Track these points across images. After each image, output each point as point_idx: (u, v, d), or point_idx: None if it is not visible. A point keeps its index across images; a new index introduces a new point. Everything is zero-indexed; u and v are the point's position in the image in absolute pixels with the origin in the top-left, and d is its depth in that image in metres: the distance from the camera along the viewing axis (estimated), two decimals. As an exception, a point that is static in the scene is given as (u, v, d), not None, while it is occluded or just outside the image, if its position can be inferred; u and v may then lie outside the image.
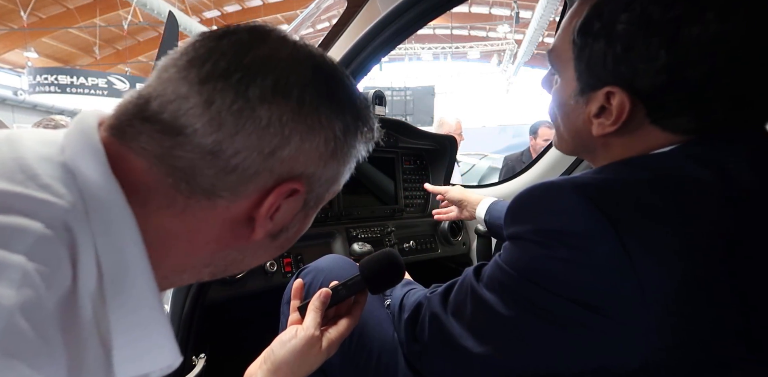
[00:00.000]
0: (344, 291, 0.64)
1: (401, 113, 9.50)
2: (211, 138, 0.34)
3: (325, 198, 0.43)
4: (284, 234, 0.42)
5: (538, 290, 0.45)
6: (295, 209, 0.40)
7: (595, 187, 0.45)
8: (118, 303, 0.33)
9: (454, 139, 1.66)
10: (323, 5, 1.24)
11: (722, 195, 0.43)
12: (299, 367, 0.58)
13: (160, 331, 0.36)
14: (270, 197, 0.37)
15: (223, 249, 0.39)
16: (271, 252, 0.44)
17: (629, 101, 0.48)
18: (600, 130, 0.51)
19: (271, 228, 0.39)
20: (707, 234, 0.41)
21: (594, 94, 0.51)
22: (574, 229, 0.43)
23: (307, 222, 0.45)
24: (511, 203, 0.51)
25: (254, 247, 0.41)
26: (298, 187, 0.37)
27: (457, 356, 0.54)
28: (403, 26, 0.76)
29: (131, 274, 0.34)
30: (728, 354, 0.41)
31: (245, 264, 0.43)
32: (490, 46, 14.54)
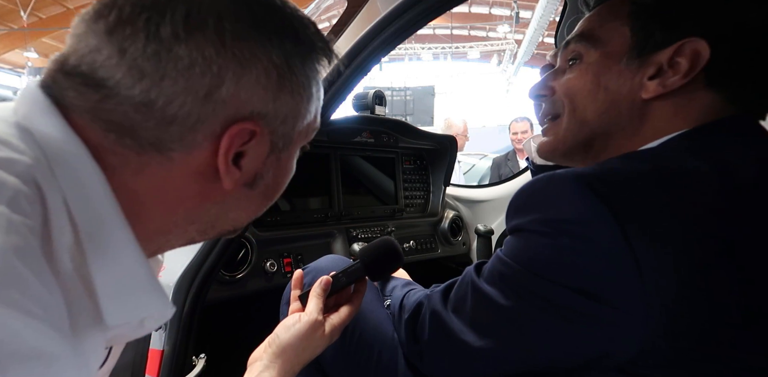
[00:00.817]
0: (344, 279, 0.65)
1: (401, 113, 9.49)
2: (137, 88, 0.32)
3: (295, 137, 0.41)
4: (261, 181, 0.40)
5: (539, 280, 0.46)
6: (262, 153, 0.38)
7: (596, 177, 0.45)
8: (99, 256, 0.33)
9: (454, 138, 1.66)
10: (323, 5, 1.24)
11: (722, 186, 0.44)
12: (303, 350, 0.59)
13: (144, 280, 0.36)
14: (223, 142, 0.35)
15: (201, 205, 0.38)
16: (257, 202, 0.43)
17: (709, 50, 0.48)
18: (659, 88, 0.51)
19: (242, 177, 0.38)
20: (707, 223, 0.42)
21: (655, 55, 0.51)
22: (574, 217, 0.44)
23: (285, 167, 0.43)
24: (513, 197, 0.51)
25: (234, 199, 0.40)
26: (252, 127, 0.36)
27: (457, 352, 0.54)
28: (403, 26, 0.76)
29: (107, 226, 0.33)
30: (725, 342, 0.41)
31: (233, 218, 0.42)
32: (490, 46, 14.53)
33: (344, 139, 1.39)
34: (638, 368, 0.43)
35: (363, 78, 0.85)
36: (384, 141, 1.49)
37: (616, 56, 0.54)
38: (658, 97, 0.51)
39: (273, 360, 0.57)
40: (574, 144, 0.59)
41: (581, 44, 0.57)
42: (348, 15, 0.82)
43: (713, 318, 0.41)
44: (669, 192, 0.43)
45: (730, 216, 0.43)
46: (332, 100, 0.84)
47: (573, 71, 0.58)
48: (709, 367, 0.42)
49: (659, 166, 0.46)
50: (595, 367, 0.46)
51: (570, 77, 0.58)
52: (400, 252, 0.68)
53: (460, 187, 1.84)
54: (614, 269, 0.42)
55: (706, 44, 0.48)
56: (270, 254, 1.14)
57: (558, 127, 0.60)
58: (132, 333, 0.40)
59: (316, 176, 1.34)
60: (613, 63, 0.54)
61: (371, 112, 1.43)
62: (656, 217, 0.42)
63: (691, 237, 0.41)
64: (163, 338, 0.87)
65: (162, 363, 0.86)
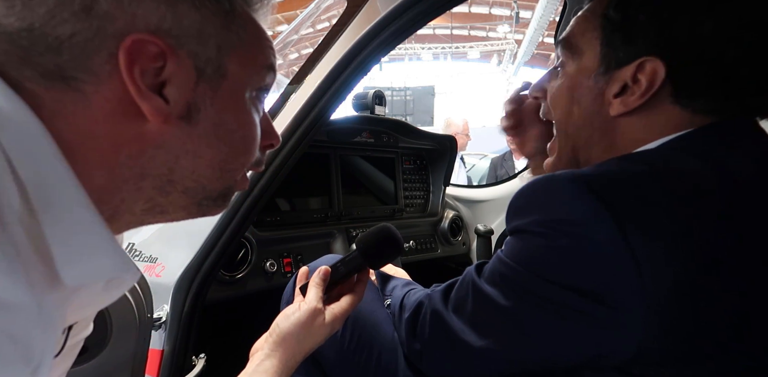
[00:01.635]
0: (343, 268, 0.65)
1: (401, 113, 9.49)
2: (12, 17, 0.30)
3: (229, 66, 0.37)
4: (199, 115, 0.36)
5: (539, 280, 0.46)
6: (186, 79, 0.35)
7: (594, 178, 0.45)
8: (50, 216, 0.31)
9: (454, 139, 1.66)
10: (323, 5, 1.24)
11: (720, 186, 0.44)
12: (305, 338, 0.58)
13: (101, 239, 0.34)
14: (120, 56, 0.32)
15: (142, 151, 0.35)
16: (210, 146, 0.38)
17: (664, 69, 0.49)
18: (622, 107, 0.52)
19: (171, 108, 0.35)
20: (705, 223, 0.42)
21: (620, 71, 0.52)
22: (573, 218, 0.44)
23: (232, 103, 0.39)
24: (512, 198, 0.51)
25: (176, 140, 0.36)
26: (154, 41, 0.33)
27: (458, 352, 0.54)
28: (403, 26, 0.76)
29: (57, 187, 0.31)
30: (723, 342, 0.41)
31: (190, 169, 0.38)
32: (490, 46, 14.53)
33: (344, 139, 1.39)
34: (637, 367, 0.43)
35: (363, 78, 0.85)
36: (384, 141, 1.49)
37: (588, 70, 0.55)
38: (625, 113, 0.52)
39: (274, 349, 0.57)
40: (567, 159, 0.61)
41: (565, 52, 0.58)
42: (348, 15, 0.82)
43: (711, 318, 0.41)
44: (667, 193, 0.44)
45: (728, 216, 0.43)
46: (332, 100, 0.84)
47: (558, 79, 0.59)
48: (708, 367, 0.42)
49: (657, 167, 0.46)
50: (593, 367, 0.46)
51: (554, 85, 0.59)
52: (398, 238, 0.66)
53: (460, 187, 1.84)
54: (613, 269, 0.42)
55: (661, 63, 0.48)
56: (270, 254, 1.14)
57: (554, 142, 0.62)
58: (96, 301, 0.38)
59: (316, 176, 1.34)
60: (585, 78, 0.55)
61: (371, 112, 1.43)
62: (655, 218, 0.42)
63: (689, 238, 0.42)
64: (163, 338, 0.87)
65: (162, 363, 0.86)
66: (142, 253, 0.94)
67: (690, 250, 0.41)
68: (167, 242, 0.93)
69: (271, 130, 0.45)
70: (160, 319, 0.86)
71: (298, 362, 0.58)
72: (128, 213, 0.38)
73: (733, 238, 0.42)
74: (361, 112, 1.44)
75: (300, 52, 9.16)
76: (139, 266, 0.87)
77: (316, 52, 0.87)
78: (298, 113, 0.85)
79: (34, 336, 0.27)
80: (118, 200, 0.36)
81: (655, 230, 0.42)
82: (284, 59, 6.04)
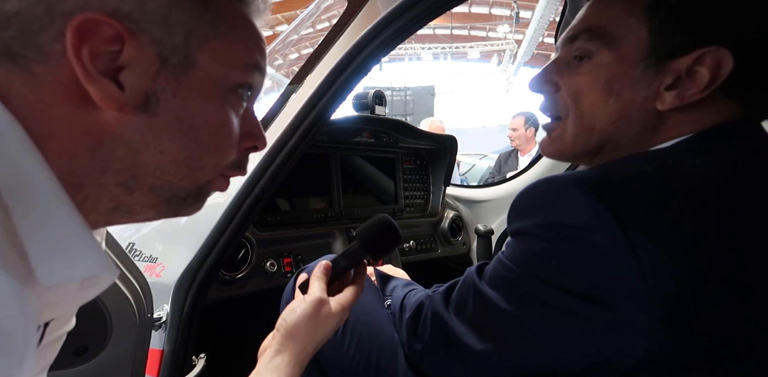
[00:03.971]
0: (344, 262, 0.64)
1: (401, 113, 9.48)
2: None
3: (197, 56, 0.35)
4: (158, 105, 0.34)
5: (541, 284, 0.45)
6: (146, 66, 0.33)
7: (598, 180, 0.45)
8: (24, 211, 0.29)
9: (454, 138, 1.66)
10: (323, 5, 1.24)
11: (725, 188, 0.43)
12: (314, 330, 0.57)
13: (77, 236, 0.32)
14: (68, 34, 0.30)
15: (99, 143, 0.33)
16: (173, 140, 0.36)
17: (732, 62, 0.45)
18: (677, 100, 0.48)
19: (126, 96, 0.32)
20: (709, 227, 0.42)
21: (675, 61, 0.47)
22: (576, 221, 0.43)
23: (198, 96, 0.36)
24: (514, 200, 0.51)
25: (134, 131, 0.34)
26: (106, 21, 0.31)
27: (458, 354, 0.54)
28: (403, 26, 0.76)
29: (29, 179, 0.30)
30: (728, 347, 0.41)
31: (154, 165, 0.35)
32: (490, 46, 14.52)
33: (344, 139, 1.39)
34: (641, 373, 0.43)
35: (363, 78, 0.85)
36: (384, 141, 1.49)
37: (631, 60, 0.49)
38: (675, 107, 0.48)
39: (283, 343, 0.55)
40: (583, 150, 0.56)
41: (593, 42, 0.52)
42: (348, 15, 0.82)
43: (715, 322, 0.41)
44: (671, 195, 0.43)
45: (732, 219, 0.42)
46: (332, 100, 0.84)
47: (582, 71, 0.53)
48: (712, 373, 0.41)
49: (662, 169, 0.46)
50: (597, 373, 0.45)
51: (579, 78, 0.53)
52: (396, 227, 0.66)
53: (461, 187, 1.84)
54: (617, 274, 0.41)
55: (730, 54, 0.45)
56: (270, 254, 1.14)
57: (562, 130, 0.56)
58: (72, 299, 0.37)
59: (316, 176, 1.34)
60: (629, 68, 0.49)
61: (371, 112, 1.43)
62: (659, 221, 0.42)
63: (693, 241, 0.41)
64: (163, 338, 0.87)
65: (162, 363, 0.86)
66: (142, 253, 0.94)
67: (694, 253, 0.41)
68: (167, 242, 0.93)
69: (255, 132, 0.43)
70: (160, 319, 0.86)
71: (309, 355, 0.57)
72: (94, 212, 0.36)
73: (738, 241, 0.42)
74: (361, 112, 1.44)
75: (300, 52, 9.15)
76: (139, 266, 0.88)
77: (317, 52, 0.87)
78: (298, 113, 0.85)
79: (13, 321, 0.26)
80: (81, 198, 0.34)
81: (658, 233, 0.41)
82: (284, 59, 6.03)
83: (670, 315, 0.40)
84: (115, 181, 0.35)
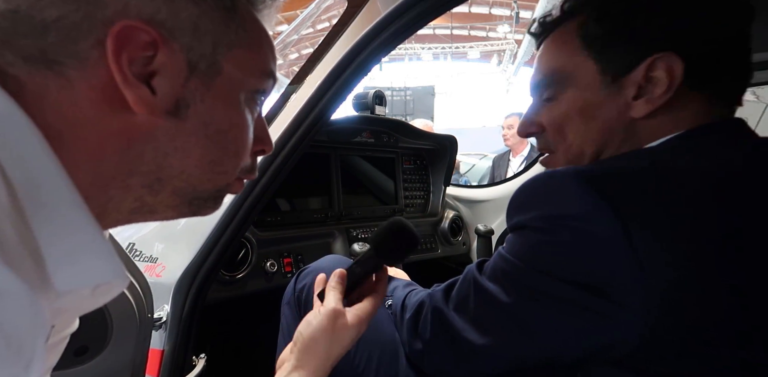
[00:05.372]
0: (359, 269, 0.62)
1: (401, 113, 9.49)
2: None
3: (222, 63, 0.36)
4: (188, 110, 0.36)
5: (541, 276, 0.46)
6: (177, 72, 0.34)
7: (595, 173, 0.46)
8: (41, 216, 0.30)
9: (454, 138, 1.66)
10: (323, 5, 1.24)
11: (720, 182, 0.44)
12: (331, 344, 0.56)
13: (93, 242, 0.33)
14: (108, 42, 0.31)
15: (129, 146, 0.34)
16: (201, 144, 0.37)
17: (681, 62, 0.49)
18: (649, 106, 0.52)
19: (158, 101, 0.34)
20: (705, 218, 0.42)
21: (628, 77, 0.52)
22: (575, 213, 0.44)
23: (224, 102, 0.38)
24: (513, 194, 0.51)
25: (165, 135, 0.35)
26: (145, 29, 0.32)
27: (460, 351, 0.54)
28: (403, 26, 0.76)
29: (46, 184, 0.30)
30: (724, 337, 0.41)
31: (179, 168, 0.37)
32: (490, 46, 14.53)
33: (344, 139, 1.39)
34: (639, 362, 0.43)
35: (363, 78, 0.85)
36: (384, 141, 1.49)
37: (593, 88, 0.55)
38: (649, 113, 0.52)
39: (301, 358, 0.55)
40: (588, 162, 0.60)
41: (553, 87, 0.58)
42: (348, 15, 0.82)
43: (712, 313, 0.41)
44: (668, 188, 0.44)
45: (727, 212, 0.43)
46: (332, 100, 0.84)
47: (555, 110, 0.58)
48: (709, 362, 0.42)
49: (658, 163, 0.47)
50: (595, 361, 0.46)
51: (555, 115, 0.58)
52: (411, 230, 0.62)
53: (460, 186, 1.84)
54: (615, 264, 0.42)
55: (674, 55, 0.49)
56: (270, 254, 1.14)
57: (557, 162, 0.61)
58: (82, 306, 0.37)
59: (316, 176, 1.34)
60: (593, 94, 0.55)
61: (371, 112, 1.43)
62: (656, 212, 0.43)
63: (690, 232, 0.42)
64: (163, 338, 0.87)
65: (162, 363, 0.86)
66: (142, 253, 0.94)
67: (690, 244, 0.42)
68: (167, 242, 0.93)
69: (264, 136, 0.44)
70: (161, 319, 0.86)
71: (327, 370, 0.55)
72: (116, 212, 0.37)
73: (733, 233, 0.42)
74: (362, 112, 1.44)
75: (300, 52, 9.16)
76: (139, 266, 0.88)
77: (317, 52, 0.87)
78: (298, 113, 0.85)
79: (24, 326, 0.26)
80: (106, 198, 0.35)
81: (656, 225, 0.42)
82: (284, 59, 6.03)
83: (666, 304, 0.41)
84: (142, 182, 0.36)
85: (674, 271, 0.41)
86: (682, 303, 0.41)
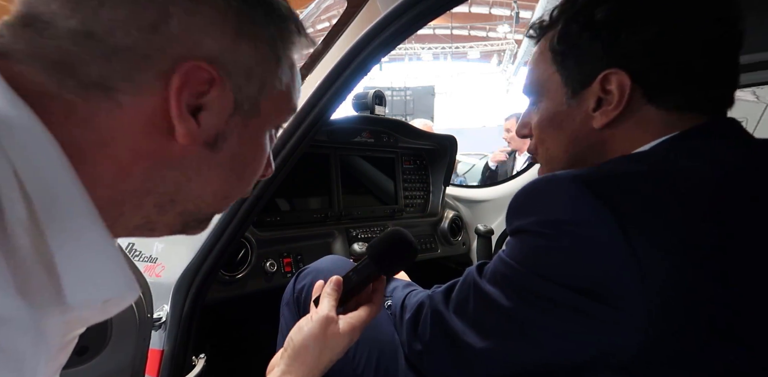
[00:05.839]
0: (355, 277, 0.62)
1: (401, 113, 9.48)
2: (74, 18, 0.30)
3: (263, 105, 0.39)
4: (223, 144, 0.37)
5: (541, 281, 0.46)
6: (223, 109, 0.36)
7: (595, 178, 0.46)
8: (57, 229, 0.30)
9: (454, 139, 1.66)
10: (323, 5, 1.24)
11: (717, 184, 0.44)
12: (321, 351, 0.56)
13: (108, 259, 0.33)
14: (174, 79, 0.32)
15: (157, 169, 0.35)
16: (222, 175, 0.39)
17: (628, 78, 0.51)
18: (604, 118, 0.54)
19: (200, 133, 0.35)
20: (705, 222, 0.42)
21: (587, 89, 0.54)
22: (575, 218, 0.44)
23: (254, 138, 0.40)
24: (513, 198, 0.51)
25: (194, 163, 0.37)
26: (208, 70, 0.33)
27: (459, 353, 0.54)
28: (403, 26, 0.76)
29: (63, 197, 0.31)
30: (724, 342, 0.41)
31: (195, 193, 0.38)
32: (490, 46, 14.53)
33: (344, 139, 1.39)
34: (640, 368, 0.43)
35: (363, 78, 0.85)
36: (384, 141, 1.49)
37: (559, 99, 0.58)
38: (609, 123, 0.54)
39: (290, 365, 0.55)
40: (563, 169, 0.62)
41: (533, 96, 0.62)
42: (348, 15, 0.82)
43: (711, 318, 0.41)
44: (667, 192, 0.44)
45: (727, 215, 0.43)
46: (332, 100, 0.84)
47: (536, 115, 0.62)
48: (710, 368, 0.42)
49: (656, 167, 0.47)
50: (595, 367, 0.46)
51: (536, 123, 0.62)
52: (410, 241, 0.62)
53: (460, 187, 1.84)
54: (616, 269, 0.42)
55: (622, 72, 0.51)
56: (270, 254, 1.14)
57: (539, 162, 0.65)
58: (92, 318, 0.37)
59: (316, 176, 1.34)
60: (559, 105, 0.58)
61: (371, 112, 1.43)
62: (656, 217, 0.42)
63: (690, 237, 0.42)
64: (163, 338, 0.87)
65: (162, 363, 0.86)
66: (142, 253, 0.94)
67: (690, 249, 0.41)
68: (167, 242, 0.93)
69: (269, 162, 0.46)
70: (160, 319, 0.86)
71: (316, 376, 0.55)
72: (121, 227, 0.37)
73: (733, 237, 0.42)
74: (361, 112, 1.44)
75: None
76: (139, 266, 0.88)
77: (316, 52, 0.87)
78: (298, 113, 0.85)
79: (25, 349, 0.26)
80: (118, 214, 0.36)
81: (656, 229, 0.42)
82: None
83: (667, 309, 0.41)
84: (155, 201, 0.37)
85: (674, 277, 0.41)
86: (682, 309, 0.41)
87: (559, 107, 0.58)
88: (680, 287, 0.41)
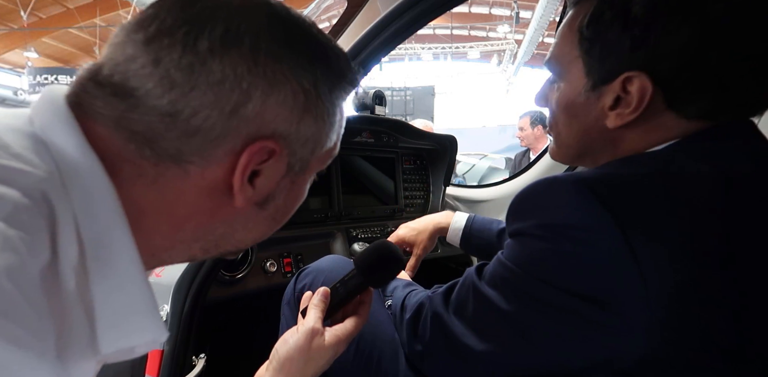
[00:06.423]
0: (342, 288, 0.62)
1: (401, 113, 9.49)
2: (165, 98, 0.32)
3: (311, 163, 0.41)
4: (272, 202, 0.40)
5: (541, 285, 0.45)
6: (277, 173, 0.38)
7: (597, 181, 0.45)
8: (102, 276, 0.32)
9: (454, 139, 1.66)
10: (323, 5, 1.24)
11: (722, 188, 0.43)
12: (306, 363, 0.56)
13: (144, 306, 0.35)
14: (242, 158, 0.35)
15: (209, 222, 0.38)
16: (265, 224, 0.42)
17: (651, 83, 0.48)
18: (618, 120, 0.51)
19: (254, 196, 0.38)
20: (708, 227, 0.42)
21: (608, 86, 0.51)
22: (577, 222, 0.43)
23: (297, 191, 0.43)
24: (513, 200, 0.51)
25: (242, 218, 0.40)
26: (273, 146, 0.36)
27: (459, 355, 0.54)
28: (403, 26, 0.76)
29: (114, 247, 0.33)
30: (726, 348, 0.41)
31: (237, 238, 0.41)
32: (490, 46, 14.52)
33: (344, 138, 1.37)
34: (640, 374, 0.43)
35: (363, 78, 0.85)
36: (384, 141, 1.49)
37: (577, 87, 0.54)
38: (622, 125, 0.51)
39: (275, 376, 0.55)
40: (569, 159, 0.62)
41: (553, 73, 0.58)
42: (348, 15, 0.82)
43: (714, 324, 0.41)
44: (670, 196, 0.43)
45: (730, 219, 0.42)
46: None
47: (554, 94, 0.58)
48: (711, 372, 0.41)
49: (660, 170, 0.46)
50: (596, 373, 0.45)
51: (553, 102, 0.59)
52: (397, 255, 0.63)
53: (460, 186, 1.84)
54: (616, 274, 0.41)
55: (645, 76, 0.48)
56: (270, 254, 1.14)
57: (553, 142, 0.63)
58: (119, 358, 0.38)
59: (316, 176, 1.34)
60: (576, 94, 0.54)
61: (371, 112, 1.43)
62: (658, 222, 0.42)
63: (692, 242, 0.41)
64: (163, 338, 0.87)
65: (162, 363, 0.86)
66: (142, 253, 0.93)
67: (693, 255, 0.41)
68: (167, 242, 0.93)
69: None
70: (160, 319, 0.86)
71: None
72: (167, 264, 0.41)
73: (735, 242, 0.42)
74: (361, 112, 1.44)
75: (300, 52, 9.13)
76: (139, 266, 0.87)
77: (317, 52, 0.86)
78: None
79: None
80: (166, 256, 0.39)
81: (657, 234, 0.41)
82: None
83: (669, 316, 0.40)
84: (201, 246, 0.40)
85: (676, 283, 0.40)
86: (684, 314, 0.40)
87: (577, 97, 0.54)
88: (683, 293, 0.40)
